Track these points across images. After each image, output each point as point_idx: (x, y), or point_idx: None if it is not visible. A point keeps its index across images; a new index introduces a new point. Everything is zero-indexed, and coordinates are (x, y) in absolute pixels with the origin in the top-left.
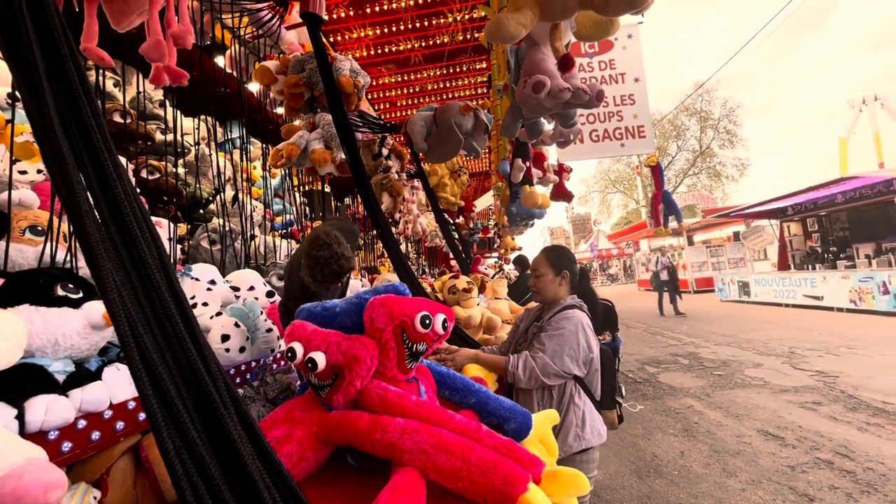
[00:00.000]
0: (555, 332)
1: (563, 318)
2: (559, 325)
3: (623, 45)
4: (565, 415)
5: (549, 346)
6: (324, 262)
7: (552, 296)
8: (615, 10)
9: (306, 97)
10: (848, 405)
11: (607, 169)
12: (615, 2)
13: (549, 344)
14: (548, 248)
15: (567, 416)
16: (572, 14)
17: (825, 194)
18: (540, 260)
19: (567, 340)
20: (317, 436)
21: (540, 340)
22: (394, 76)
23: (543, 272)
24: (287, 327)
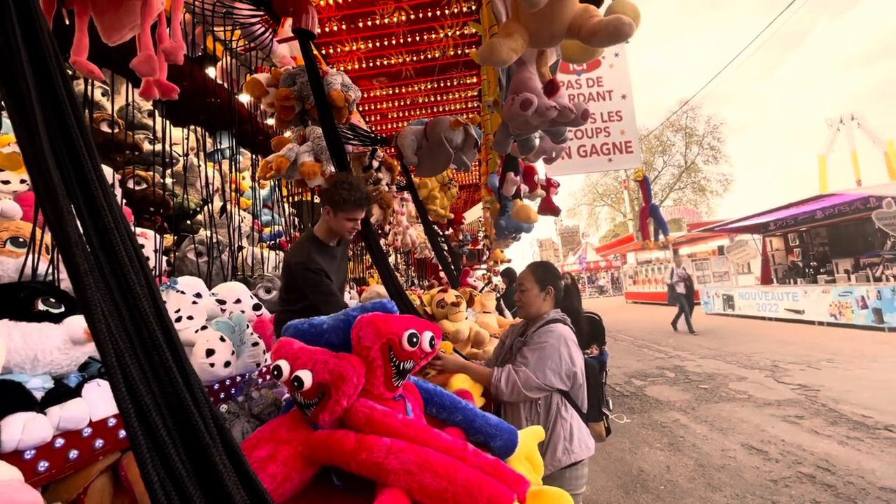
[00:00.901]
0: (537, 346)
1: (545, 332)
2: (541, 339)
3: (610, 64)
4: (553, 429)
5: (531, 360)
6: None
7: (536, 311)
8: (600, 42)
9: (297, 110)
10: (829, 419)
11: (595, 182)
12: (600, 35)
13: (531, 357)
14: (534, 264)
15: (555, 430)
16: (559, 42)
17: (805, 210)
18: (526, 275)
19: (549, 354)
20: (302, 455)
21: (522, 354)
22: (385, 89)
23: (528, 287)
24: (274, 344)
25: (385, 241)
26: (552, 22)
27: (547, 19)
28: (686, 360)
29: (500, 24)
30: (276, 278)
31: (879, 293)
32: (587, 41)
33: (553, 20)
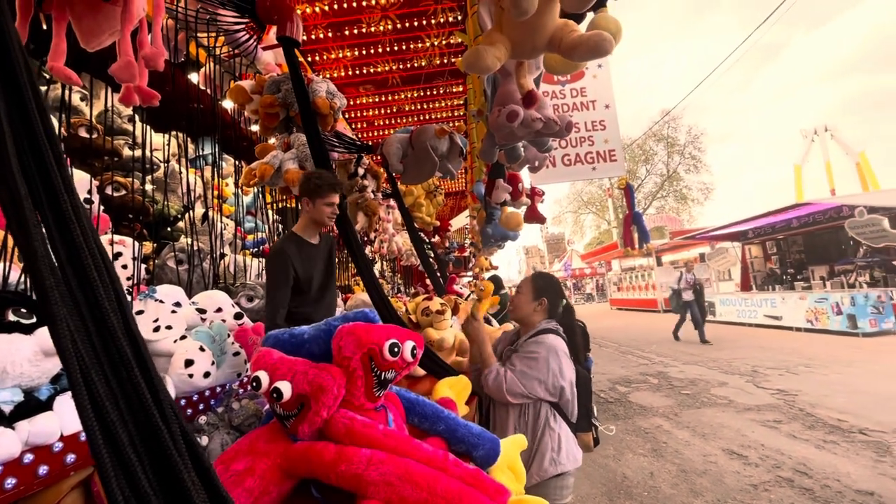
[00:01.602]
0: (526, 355)
1: (536, 342)
2: (531, 349)
3: (594, 74)
4: (541, 439)
5: (518, 368)
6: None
7: (524, 316)
8: (581, 57)
9: (282, 117)
10: (806, 423)
11: (580, 190)
12: (581, 50)
13: (519, 365)
14: (537, 274)
15: (542, 441)
16: (540, 54)
17: (782, 219)
18: (527, 280)
19: (538, 365)
20: (280, 468)
21: (512, 361)
22: (371, 97)
23: (524, 292)
24: (253, 355)
25: (371, 248)
26: (534, 34)
27: (530, 30)
28: (669, 365)
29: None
30: (258, 286)
31: (853, 299)
32: (568, 55)
33: (535, 32)
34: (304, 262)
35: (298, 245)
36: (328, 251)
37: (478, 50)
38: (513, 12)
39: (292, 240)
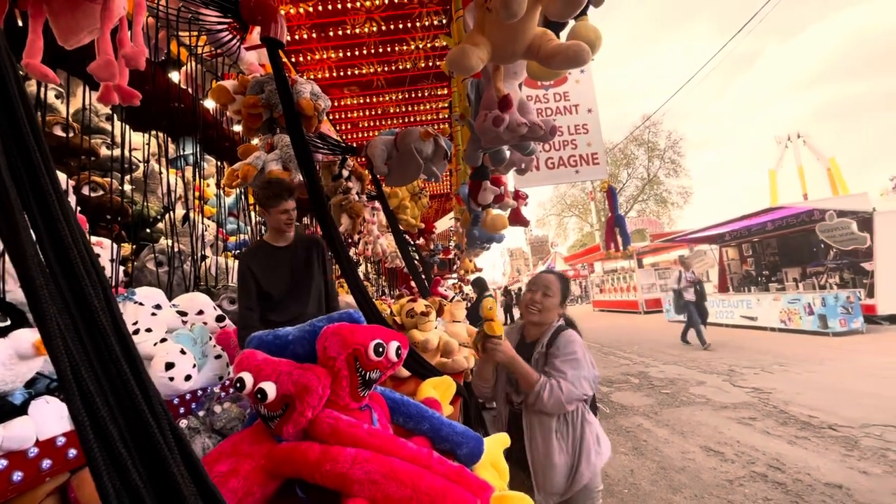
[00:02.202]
0: (569, 357)
1: (569, 340)
2: (569, 348)
3: (577, 79)
4: (582, 436)
5: (569, 373)
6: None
7: (549, 319)
8: (559, 65)
9: (265, 118)
10: (779, 420)
11: (563, 193)
12: (559, 59)
13: (568, 371)
14: (560, 275)
15: (584, 437)
16: (517, 60)
17: (757, 222)
18: (553, 281)
19: (581, 364)
20: (264, 469)
21: (555, 367)
22: (356, 98)
23: (553, 294)
24: (237, 356)
25: (355, 250)
26: (515, 38)
27: (511, 35)
28: (650, 366)
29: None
30: None
31: (824, 300)
32: (546, 63)
33: (516, 37)
34: (267, 268)
35: (265, 251)
36: (306, 253)
37: (464, 49)
38: (501, 13)
39: (258, 246)
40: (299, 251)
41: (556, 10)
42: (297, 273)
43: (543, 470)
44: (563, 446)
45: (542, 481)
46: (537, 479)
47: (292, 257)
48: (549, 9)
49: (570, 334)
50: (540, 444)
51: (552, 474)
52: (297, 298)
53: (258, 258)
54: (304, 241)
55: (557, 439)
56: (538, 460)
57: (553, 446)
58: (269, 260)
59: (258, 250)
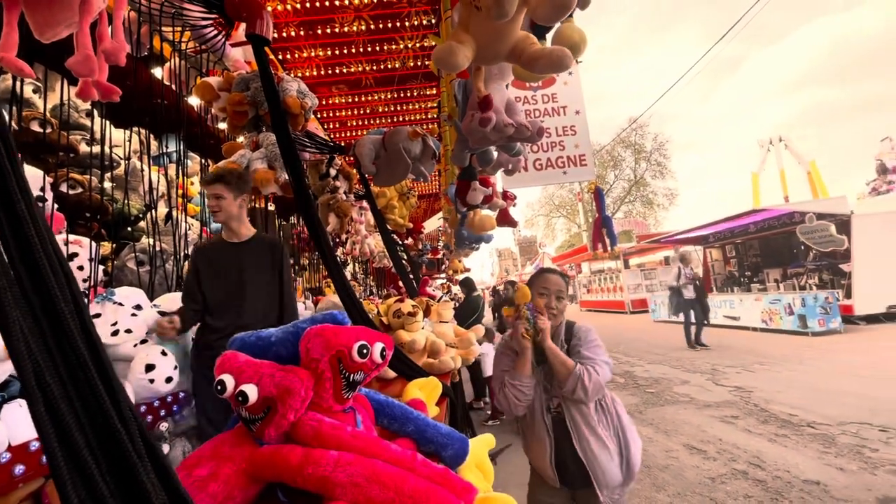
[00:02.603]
0: (593, 345)
1: (588, 329)
2: (591, 336)
3: (564, 81)
4: (620, 419)
5: (597, 358)
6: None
7: (561, 321)
8: (541, 70)
9: (250, 116)
10: (760, 418)
11: (552, 194)
12: (541, 63)
13: (596, 356)
14: (563, 273)
15: (622, 420)
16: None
17: (740, 224)
18: (562, 283)
19: (603, 351)
20: (245, 473)
21: (583, 356)
22: (345, 97)
23: (564, 296)
24: (218, 358)
25: (343, 250)
26: (499, 40)
27: (496, 36)
28: (635, 365)
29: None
30: None
31: (803, 301)
32: (529, 67)
33: (501, 38)
34: (211, 266)
35: (216, 247)
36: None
37: (451, 46)
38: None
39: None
40: (251, 253)
41: (544, 13)
42: (242, 276)
43: (601, 464)
44: (608, 434)
45: (602, 476)
46: (597, 475)
47: (241, 258)
48: (536, 12)
49: (585, 325)
50: (591, 439)
51: (609, 465)
52: (234, 305)
53: (206, 254)
54: (261, 242)
55: (602, 429)
56: (593, 457)
57: (603, 437)
58: (217, 256)
59: (210, 245)
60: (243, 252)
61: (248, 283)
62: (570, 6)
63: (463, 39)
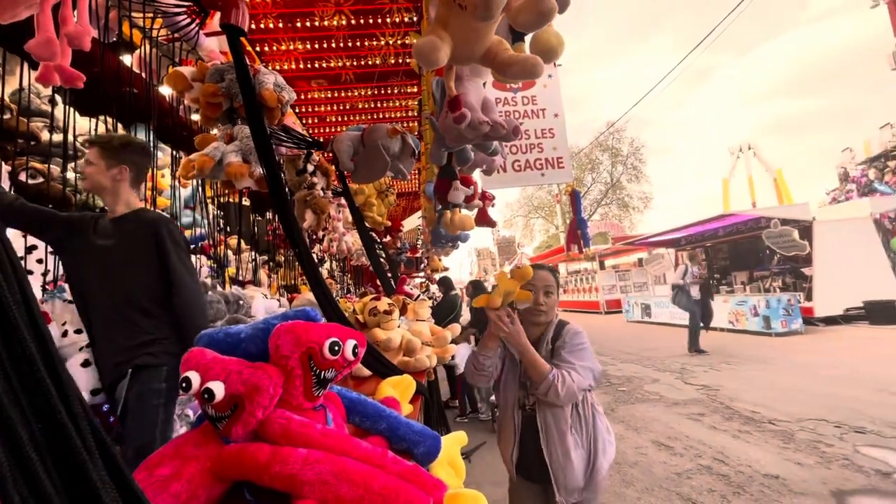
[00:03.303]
0: (577, 348)
1: (576, 332)
2: (577, 339)
3: (544, 84)
4: (595, 427)
5: (577, 364)
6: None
7: (551, 317)
8: (514, 75)
9: (225, 108)
10: (725, 415)
11: (530, 195)
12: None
13: (576, 361)
14: (552, 269)
15: (597, 428)
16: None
17: (710, 228)
18: (551, 278)
19: (586, 355)
20: (210, 472)
21: (563, 358)
22: (324, 92)
23: (553, 292)
24: (184, 355)
25: (320, 247)
26: (476, 41)
27: (474, 36)
28: (609, 364)
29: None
30: None
31: (768, 303)
32: (502, 72)
33: (478, 39)
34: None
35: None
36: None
37: (434, 41)
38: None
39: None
40: (120, 232)
41: (526, 21)
42: (104, 261)
43: (563, 468)
44: (578, 441)
45: (563, 480)
46: (557, 477)
47: (109, 236)
48: (517, 19)
49: (575, 327)
50: (557, 441)
51: (571, 470)
52: (91, 295)
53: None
54: (138, 221)
55: (573, 434)
56: (557, 459)
57: (569, 443)
58: (90, 233)
59: (89, 219)
60: (115, 232)
61: (106, 274)
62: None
63: (441, 36)
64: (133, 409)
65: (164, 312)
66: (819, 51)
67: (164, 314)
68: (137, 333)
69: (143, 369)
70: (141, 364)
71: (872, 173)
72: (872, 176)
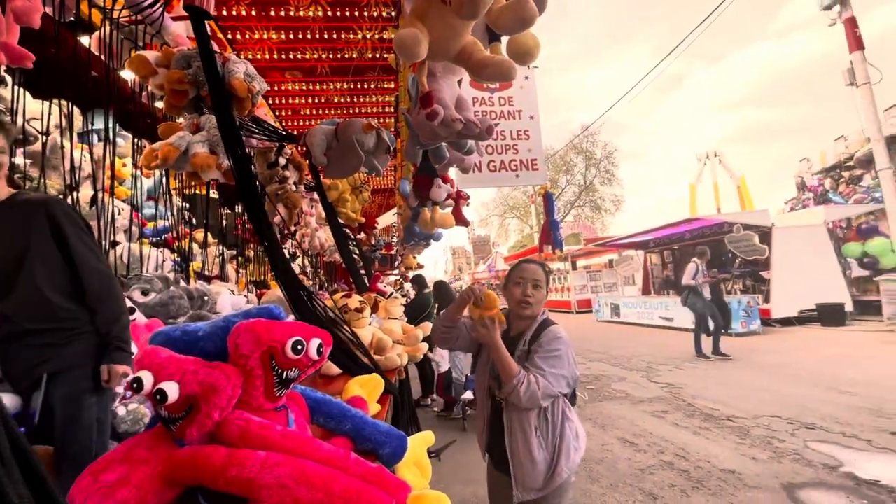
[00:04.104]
0: (551, 354)
1: (553, 337)
2: (553, 345)
3: (521, 85)
4: (562, 433)
5: (547, 371)
6: None
7: (538, 312)
8: (488, 77)
9: (191, 95)
10: (687, 412)
11: (506, 195)
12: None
13: (547, 368)
14: (543, 264)
15: (564, 433)
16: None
17: (677, 231)
18: (540, 272)
19: (562, 363)
20: (161, 476)
21: (535, 363)
22: (298, 84)
23: (542, 286)
24: (137, 354)
25: (292, 242)
26: (452, 39)
27: (452, 33)
28: (579, 363)
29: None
30: (156, 279)
31: (729, 304)
32: (475, 73)
33: (454, 38)
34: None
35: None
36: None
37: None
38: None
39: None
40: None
41: (506, 24)
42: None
43: (522, 466)
44: (542, 443)
45: (521, 476)
46: (516, 473)
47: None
48: (497, 22)
49: (555, 330)
50: (520, 439)
51: (531, 470)
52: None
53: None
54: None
55: (537, 436)
56: (517, 456)
57: (533, 443)
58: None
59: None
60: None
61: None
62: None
63: (420, 29)
64: (62, 413)
65: (75, 304)
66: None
67: (76, 306)
68: (50, 332)
69: (66, 371)
70: (60, 367)
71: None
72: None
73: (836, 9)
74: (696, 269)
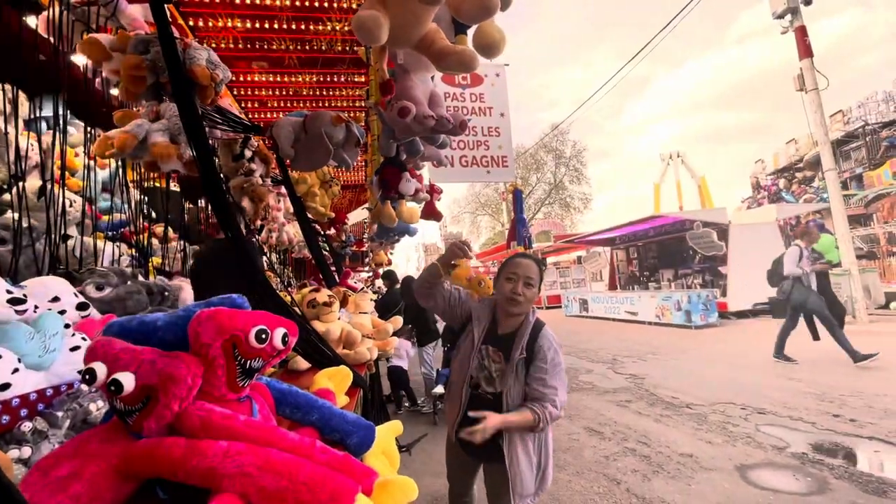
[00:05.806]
0: (557, 370)
1: (550, 346)
2: (557, 359)
3: (492, 83)
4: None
5: (559, 388)
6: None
7: (528, 310)
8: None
9: (150, 82)
10: (649, 401)
11: (478, 192)
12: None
13: (559, 385)
14: (537, 259)
15: (547, 437)
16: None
17: (641, 228)
18: (534, 268)
19: (563, 373)
20: (116, 470)
21: (546, 384)
22: (265, 75)
23: (535, 284)
24: (88, 345)
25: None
26: (416, 24)
27: (414, 18)
28: None
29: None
30: (111, 273)
31: (689, 298)
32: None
33: (418, 23)
34: None
35: None
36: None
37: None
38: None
39: None
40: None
41: (468, 12)
42: None
43: (522, 475)
44: (532, 447)
45: (520, 486)
46: (515, 484)
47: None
48: (460, 10)
49: (550, 337)
50: (519, 448)
51: (527, 476)
52: None
53: None
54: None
55: (529, 440)
56: (515, 465)
57: (530, 449)
58: None
59: None
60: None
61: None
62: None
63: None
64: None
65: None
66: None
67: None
68: None
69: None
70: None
71: (782, 183)
72: (782, 185)
73: (787, 18)
74: (800, 253)
